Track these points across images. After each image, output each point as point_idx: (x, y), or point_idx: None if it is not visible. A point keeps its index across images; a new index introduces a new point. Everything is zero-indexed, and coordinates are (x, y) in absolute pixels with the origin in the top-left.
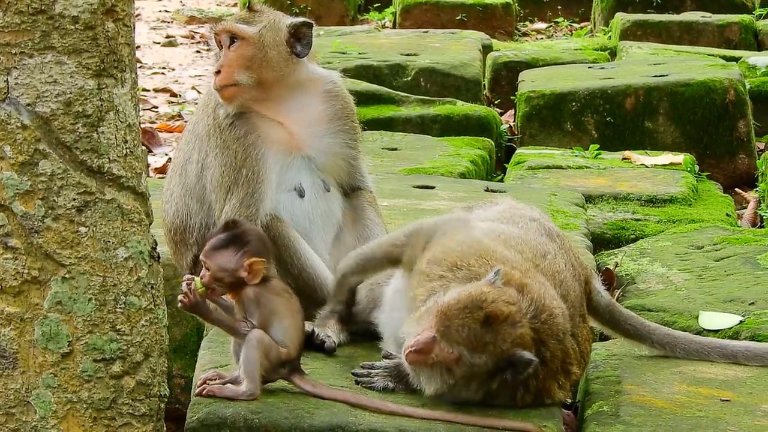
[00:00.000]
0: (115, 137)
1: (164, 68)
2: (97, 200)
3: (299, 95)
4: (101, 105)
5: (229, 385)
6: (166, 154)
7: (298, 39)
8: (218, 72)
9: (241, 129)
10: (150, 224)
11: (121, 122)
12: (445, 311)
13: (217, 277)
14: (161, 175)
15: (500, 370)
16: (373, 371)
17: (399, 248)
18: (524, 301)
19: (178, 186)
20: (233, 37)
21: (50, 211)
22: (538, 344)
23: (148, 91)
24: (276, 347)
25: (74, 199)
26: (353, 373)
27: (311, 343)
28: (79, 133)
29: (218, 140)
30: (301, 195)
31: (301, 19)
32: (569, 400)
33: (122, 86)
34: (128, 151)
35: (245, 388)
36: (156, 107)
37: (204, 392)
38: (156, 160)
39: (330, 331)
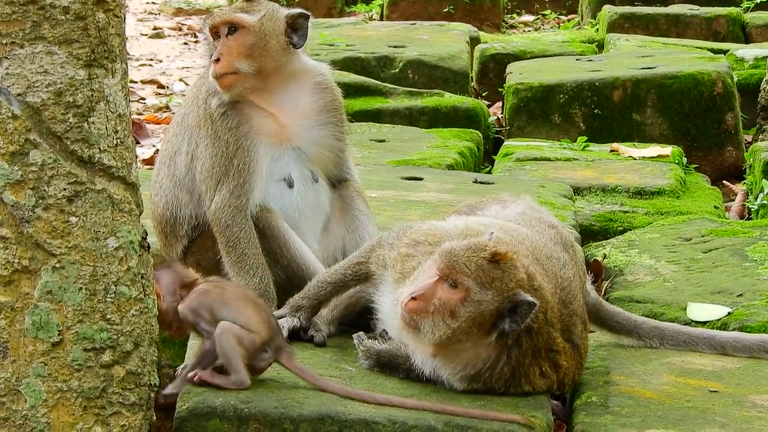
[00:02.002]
0: (106, 127)
1: (152, 60)
2: (87, 190)
3: (291, 86)
4: (92, 95)
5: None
6: (154, 146)
7: (295, 30)
8: (218, 60)
9: (234, 119)
10: (140, 214)
11: (112, 112)
12: (449, 250)
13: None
14: (149, 167)
15: (500, 317)
16: (361, 346)
17: (365, 264)
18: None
19: (167, 178)
20: (232, 27)
21: (41, 201)
22: None
23: (136, 82)
24: (247, 333)
25: (65, 189)
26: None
27: (300, 338)
28: (70, 123)
29: (209, 130)
30: (291, 185)
31: (298, 10)
32: (557, 392)
33: (113, 77)
34: (119, 141)
35: (234, 378)
36: (143, 99)
37: (195, 379)
38: (144, 152)
39: (320, 325)
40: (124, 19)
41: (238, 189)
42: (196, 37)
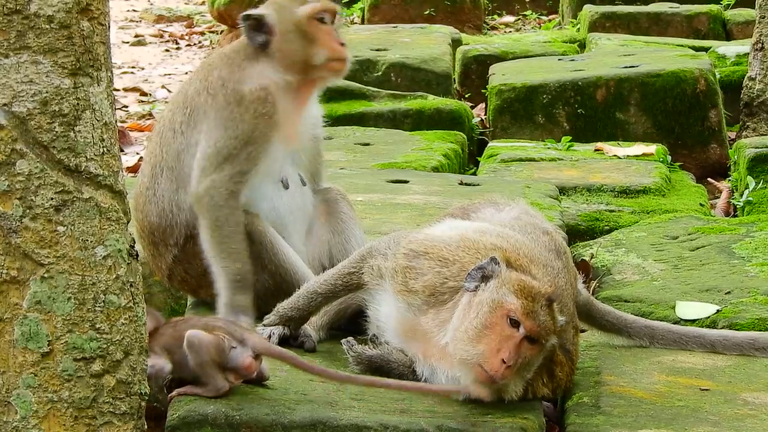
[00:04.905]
0: (92, 136)
1: (133, 67)
2: (74, 199)
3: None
4: (77, 104)
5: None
6: (138, 153)
7: None
8: (344, 44)
9: (271, 106)
10: (128, 222)
11: (98, 121)
12: (532, 310)
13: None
14: (133, 174)
15: None
16: (351, 351)
17: (357, 274)
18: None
19: (168, 182)
20: (334, 18)
21: (28, 211)
22: None
23: (118, 90)
24: (214, 337)
25: (52, 199)
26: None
27: (290, 345)
28: (56, 132)
29: (232, 113)
30: (286, 187)
31: None
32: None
33: (98, 85)
34: (105, 149)
35: (210, 386)
36: (126, 106)
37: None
38: (127, 159)
39: (310, 330)
40: (109, 27)
41: (238, 176)
42: (177, 44)
